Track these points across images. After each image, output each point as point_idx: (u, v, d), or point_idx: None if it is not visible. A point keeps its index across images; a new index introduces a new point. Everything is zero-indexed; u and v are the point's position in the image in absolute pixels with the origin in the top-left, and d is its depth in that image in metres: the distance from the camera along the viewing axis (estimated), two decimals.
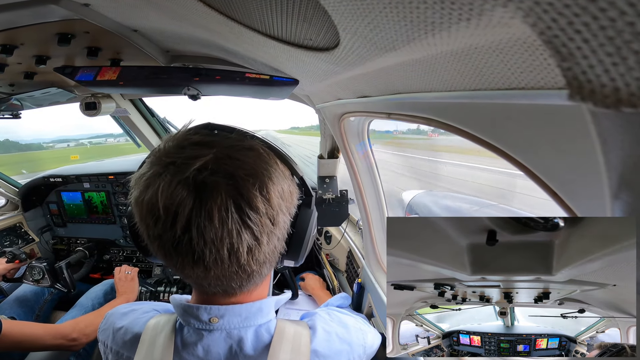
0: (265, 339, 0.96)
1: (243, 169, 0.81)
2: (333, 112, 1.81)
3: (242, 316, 0.96)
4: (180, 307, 0.99)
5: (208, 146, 0.82)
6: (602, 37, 0.30)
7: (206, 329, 0.95)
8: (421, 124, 1.00)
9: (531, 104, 0.55)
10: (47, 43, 1.50)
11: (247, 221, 0.80)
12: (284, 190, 0.89)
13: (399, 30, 0.54)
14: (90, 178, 3.76)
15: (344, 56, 0.84)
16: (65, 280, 2.99)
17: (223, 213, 0.78)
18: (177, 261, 0.84)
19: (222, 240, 0.79)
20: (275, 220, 0.86)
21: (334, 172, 2.48)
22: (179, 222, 0.78)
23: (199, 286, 0.95)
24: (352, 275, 2.70)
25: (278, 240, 0.90)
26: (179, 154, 0.81)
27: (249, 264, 0.85)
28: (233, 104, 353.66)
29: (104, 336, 1.11)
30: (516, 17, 0.35)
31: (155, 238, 0.83)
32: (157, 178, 0.80)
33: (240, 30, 0.99)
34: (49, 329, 2.18)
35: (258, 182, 0.81)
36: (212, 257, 0.81)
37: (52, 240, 4.07)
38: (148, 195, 0.81)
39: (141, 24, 1.34)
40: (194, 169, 0.78)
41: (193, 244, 0.79)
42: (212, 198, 0.77)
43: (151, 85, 1.56)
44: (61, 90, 2.37)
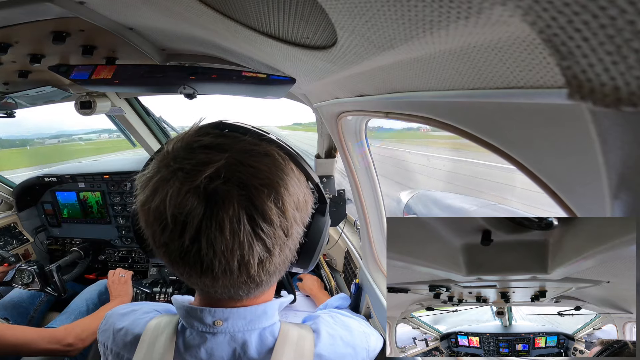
0: (269, 342, 0.95)
1: (258, 178, 0.77)
2: (330, 111, 1.81)
3: (246, 319, 0.94)
4: (183, 309, 0.97)
5: (220, 150, 0.78)
6: (602, 35, 0.30)
7: (210, 332, 0.93)
8: (419, 124, 1.00)
9: (530, 103, 0.55)
10: (41, 41, 1.49)
11: (260, 233, 0.77)
12: (299, 200, 0.86)
13: (397, 29, 0.54)
14: (85, 178, 3.73)
15: (341, 55, 0.84)
16: (55, 284, 2.94)
17: (235, 224, 0.74)
18: (184, 270, 0.82)
19: (232, 252, 0.76)
20: (289, 232, 0.83)
21: (332, 172, 2.49)
22: (188, 232, 0.75)
23: (205, 292, 0.93)
24: (350, 275, 2.70)
25: (290, 251, 0.87)
26: (188, 159, 0.77)
27: (258, 274, 0.83)
28: (232, 100, 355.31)
29: (104, 337, 1.09)
30: (515, 15, 0.35)
31: (162, 245, 0.81)
32: (165, 184, 0.77)
33: (236, 28, 0.99)
34: (43, 334, 2.16)
35: (273, 193, 0.78)
36: (221, 268, 0.78)
37: (47, 241, 4.03)
38: (155, 203, 0.77)
39: (137, 22, 1.34)
40: (205, 176, 0.74)
41: (202, 254, 0.76)
42: (223, 208, 0.74)
43: (147, 83, 1.56)
44: (56, 89, 2.36)
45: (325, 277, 2.96)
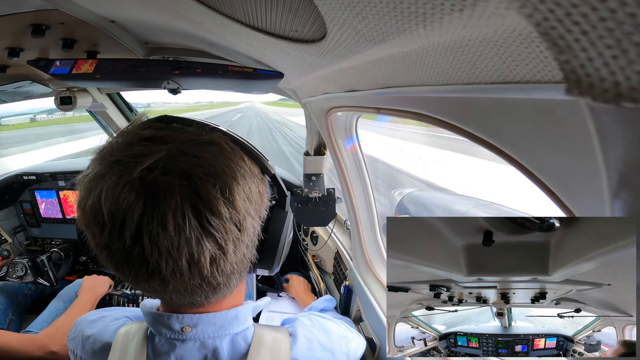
0: (241, 348, 0.93)
1: (201, 167, 0.73)
2: (320, 107, 1.81)
3: (216, 325, 0.92)
4: (150, 316, 0.94)
5: (161, 142, 0.75)
6: (601, 28, 0.30)
7: (178, 338, 0.91)
8: (412, 120, 1.00)
9: (527, 99, 0.54)
10: (20, 34, 1.47)
11: (208, 227, 0.73)
12: (251, 190, 0.82)
13: (389, 21, 0.53)
14: (66, 176, 3.66)
15: (331, 48, 0.83)
16: (47, 275, 2.98)
17: (179, 219, 0.70)
18: (130, 274, 0.77)
19: (179, 250, 0.72)
20: (242, 225, 0.79)
21: (321, 170, 2.48)
22: (128, 230, 0.70)
23: (161, 298, 0.91)
24: (340, 277, 2.70)
25: (247, 248, 0.84)
26: (125, 152, 0.74)
27: (213, 276, 0.78)
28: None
29: (73, 345, 1.08)
30: (511, 8, 0.35)
31: (104, 248, 0.76)
32: (101, 180, 0.72)
33: (222, 21, 0.98)
34: (24, 340, 2.12)
35: (219, 181, 0.74)
36: (169, 269, 0.74)
37: (26, 241, 3.96)
38: (91, 200, 0.73)
39: (119, 14, 1.32)
40: (143, 168, 0.70)
41: (146, 254, 0.71)
42: (165, 202, 0.69)
43: (129, 78, 1.55)
44: (35, 84, 2.35)
45: (315, 279, 2.95)
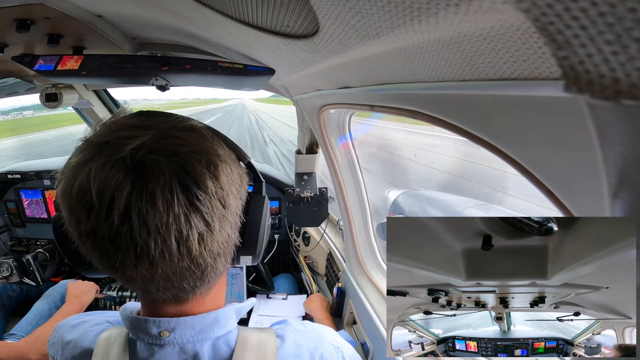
0: (223, 352, 0.93)
1: (186, 147, 0.76)
2: (312, 104, 1.81)
3: (196, 329, 0.91)
4: (128, 320, 0.94)
5: (145, 128, 0.77)
6: (601, 24, 0.30)
7: (157, 343, 0.90)
8: (406, 117, 1.00)
9: (524, 96, 0.55)
10: (4, 30, 1.46)
11: (196, 203, 0.74)
12: (232, 170, 0.85)
13: (383, 16, 0.53)
14: (52, 175, 3.63)
15: (323, 44, 0.83)
16: (34, 274, 2.97)
17: (167, 195, 0.71)
18: (117, 259, 0.75)
19: (168, 227, 0.72)
20: (226, 202, 0.81)
21: (313, 169, 2.48)
22: (116, 209, 0.70)
23: (146, 292, 0.88)
24: (332, 279, 2.70)
25: (231, 228, 0.85)
26: (113, 134, 0.76)
27: (202, 255, 0.78)
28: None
29: (53, 350, 1.07)
30: (509, 3, 0.35)
31: (89, 234, 0.75)
32: (89, 161, 0.73)
33: (211, 16, 0.98)
34: (3, 348, 2.11)
35: (205, 158, 0.77)
36: (158, 250, 0.73)
37: (10, 242, 3.94)
38: (79, 182, 0.73)
39: (106, 8, 1.32)
40: (131, 148, 0.71)
41: (134, 234, 0.71)
42: (154, 178, 0.71)
43: (116, 75, 1.53)
44: (19, 81, 2.33)
45: (307, 280, 2.96)
